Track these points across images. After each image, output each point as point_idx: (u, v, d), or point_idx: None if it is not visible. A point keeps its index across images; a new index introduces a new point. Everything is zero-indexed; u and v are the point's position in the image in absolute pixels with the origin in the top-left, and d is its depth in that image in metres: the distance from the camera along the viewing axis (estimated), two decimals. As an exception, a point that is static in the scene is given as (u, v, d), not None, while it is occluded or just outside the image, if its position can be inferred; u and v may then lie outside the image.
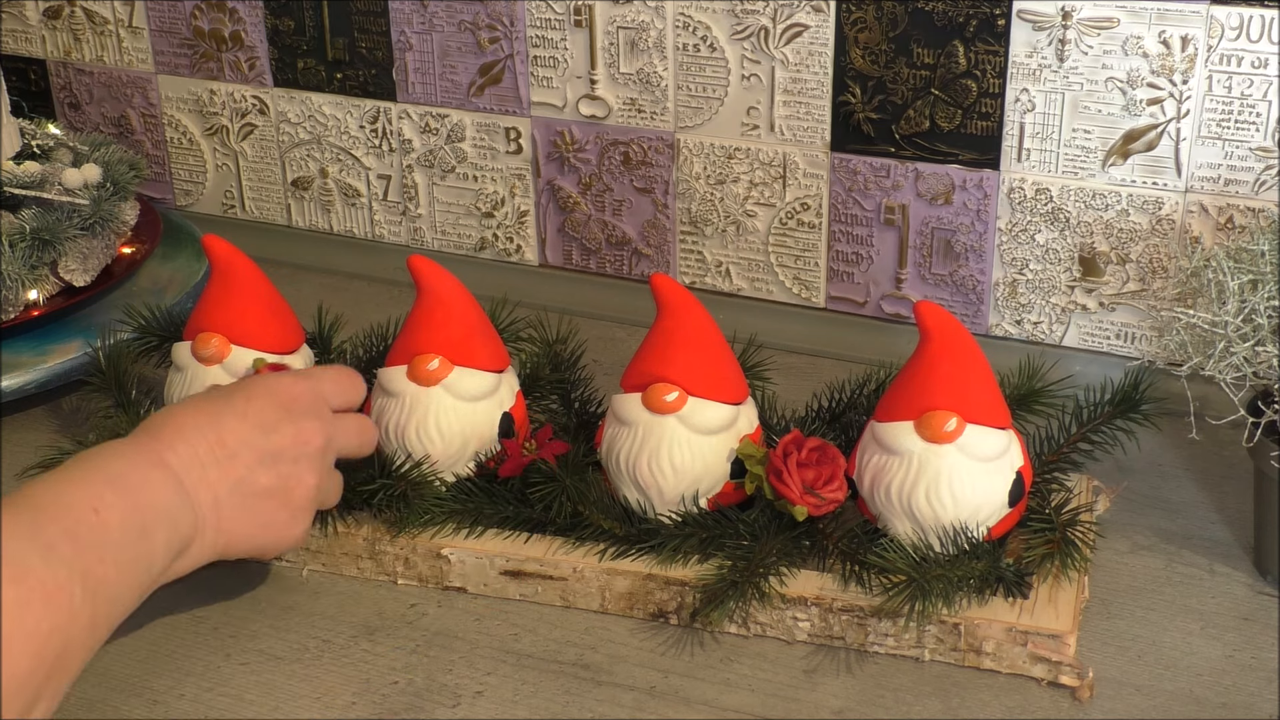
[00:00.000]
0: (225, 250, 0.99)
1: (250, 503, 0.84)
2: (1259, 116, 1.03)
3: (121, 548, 0.75)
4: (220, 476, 0.83)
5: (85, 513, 0.73)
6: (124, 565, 0.74)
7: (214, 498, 0.82)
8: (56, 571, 0.69)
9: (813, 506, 0.88)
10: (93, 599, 0.71)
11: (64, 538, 0.71)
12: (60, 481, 0.76)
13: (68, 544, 0.71)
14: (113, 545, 0.74)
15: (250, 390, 0.87)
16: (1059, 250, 1.12)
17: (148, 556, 0.77)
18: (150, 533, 0.77)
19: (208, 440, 0.83)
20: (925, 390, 0.87)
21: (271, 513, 0.86)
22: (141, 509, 0.77)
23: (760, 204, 1.20)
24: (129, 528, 0.75)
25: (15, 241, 1.13)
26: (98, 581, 0.72)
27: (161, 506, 0.79)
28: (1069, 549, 0.88)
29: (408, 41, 1.26)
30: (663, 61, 1.18)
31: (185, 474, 0.81)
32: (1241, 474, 1.00)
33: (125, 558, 0.75)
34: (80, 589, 0.70)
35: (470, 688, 0.86)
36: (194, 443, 0.83)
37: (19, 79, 1.44)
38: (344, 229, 1.36)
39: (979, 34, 1.08)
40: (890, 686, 0.85)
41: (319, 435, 0.87)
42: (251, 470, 0.84)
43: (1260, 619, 0.90)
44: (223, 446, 0.83)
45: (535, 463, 0.94)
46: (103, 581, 0.72)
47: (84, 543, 0.72)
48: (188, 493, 0.81)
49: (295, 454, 0.86)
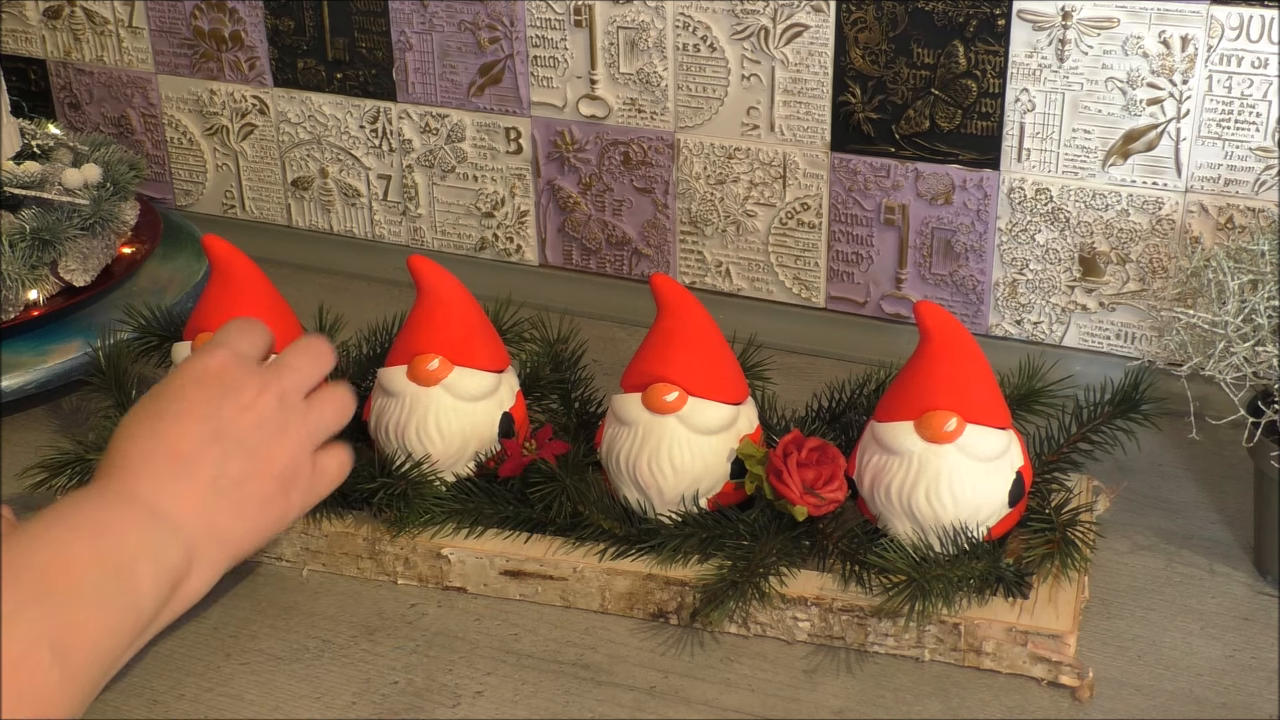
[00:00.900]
0: (225, 250, 0.99)
1: (235, 496, 0.80)
2: (1259, 116, 1.03)
3: (97, 598, 0.72)
4: (192, 487, 0.78)
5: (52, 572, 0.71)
6: (103, 615, 0.72)
7: (197, 511, 0.78)
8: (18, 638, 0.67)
9: (813, 506, 0.88)
10: (64, 659, 0.68)
11: (29, 602, 0.68)
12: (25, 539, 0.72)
13: (33, 608, 0.68)
14: (87, 598, 0.71)
15: (172, 385, 0.82)
16: (1059, 250, 1.12)
17: (131, 596, 0.73)
18: (130, 572, 0.74)
19: (163, 457, 0.79)
20: (925, 390, 0.87)
21: (261, 494, 0.81)
22: (114, 550, 0.74)
23: (760, 204, 1.20)
24: (104, 574, 0.72)
25: (15, 241, 1.13)
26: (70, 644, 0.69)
27: (137, 541, 0.75)
28: (1069, 549, 0.88)
29: (408, 41, 1.26)
30: (663, 61, 1.18)
31: (156, 499, 0.77)
32: (1241, 474, 1.00)
33: (104, 607, 0.72)
34: (49, 653, 0.68)
35: (470, 688, 0.86)
36: (150, 465, 0.78)
37: (19, 79, 1.44)
38: (344, 229, 1.36)
39: (979, 34, 1.08)
40: (890, 686, 0.85)
41: (264, 394, 0.82)
42: (220, 464, 0.79)
43: (1260, 619, 0.90)
44: (178, 456, 0.79)
45: (535, 463, 0.94)
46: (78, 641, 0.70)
47: (52, 603, 0.69)
48: (166, 516, 0.77)
49: (252, 424, 0.81)
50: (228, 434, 0.80)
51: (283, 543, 0.96)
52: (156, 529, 0.76)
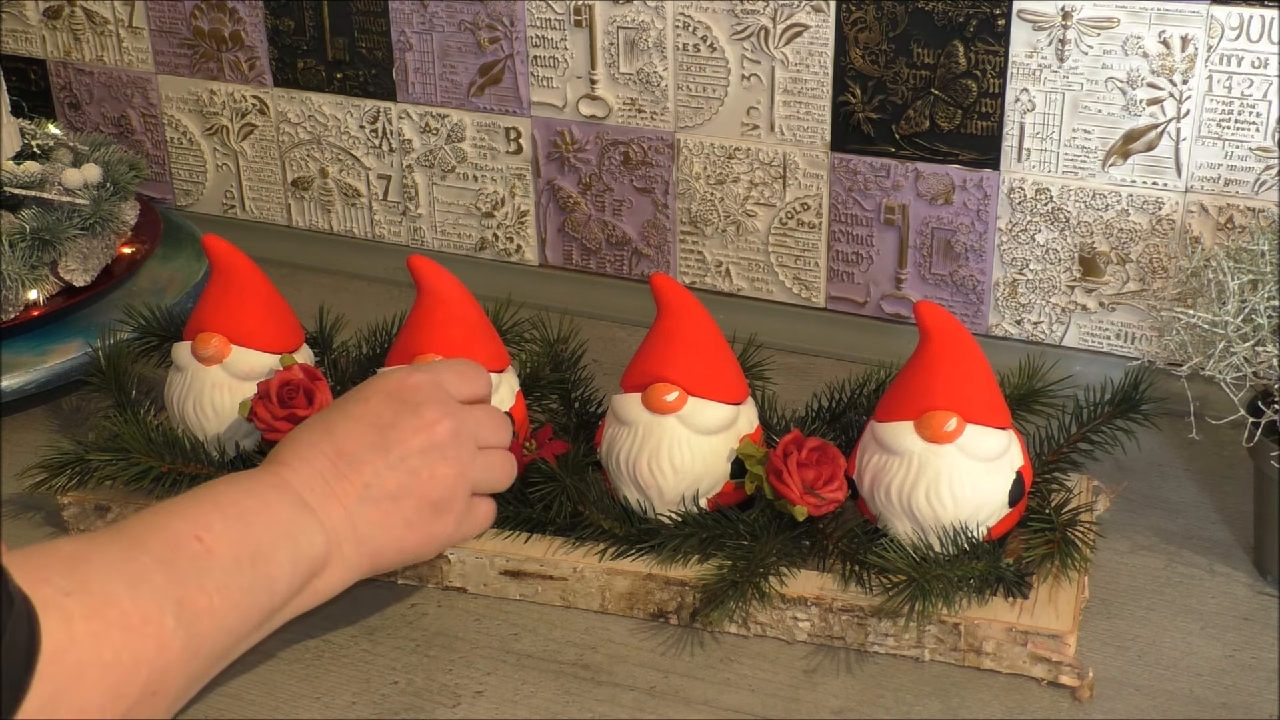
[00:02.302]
0: (225, 250, 0.99)
1: (385, 507, 0.81)
2: (1259, 116, 1.03)
3: (230, 574, 0.72)
4: (346, 488, 0.80)
5: (186, 540, 0.71)
6: (233, 592, 0.72)
7: (345, 511, 0.79)
8: (144, 602, 0.67)
9: (813, 506, 0.88)
10: (190, 628, 0.69)
11: (158, 566, 0.69)
12: (165, 511, 0.74)
13: (161, 572, 0.69)
14: (220, 571, 0.72)
15: (365, 391, 0.84)
16: (1059, 250, 1.12)
17: (265, 581, 0.74)
18: (267, 558, 0.74)
19: (326, 454, 0.80)
20: (925, 390, 0.87)
21: (410, 513, 0.82)
22: (255, 534, 0.75)
23: (760, 204, 1.20)
24: (240, 554, 0.73)
25: (15, 241, 1.13)
26: (197, 610, 0.70)
27: (281, 529, 0.76)
28: (1069, 549, 0.88)
29: (408, 41, 1.26)
30: (663, 61, 1.18)
31: (308, 492, 0.78)
32: (1241, 474, 1.00)
33: (235, 585, 0.72)
34: (173, 618, 0.68)
35: (470, 688, 0.86)
36: (312, 459, 0.80)
37: (19, 79, 1.44)
38: (344, 229, 1.36)
39: (979, 34, 1.08)
40: (890, 686, 0.85)
41: (443, 422, 0.83)
42: (378, 474, 0.81)
43: (1260, 619, 0.90)
44: (342, 456, 0.80)
45: (535, 462, 0.94)
46: (205, 610, 0.70)
47: (182, 571, 0.70)
48: (313, 510, 0.78)
49: (421, 445, 0.82)
50: (393, 448, 0.81)
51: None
52: (301, 518, 0.78)
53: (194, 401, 0.98)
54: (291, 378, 0.95)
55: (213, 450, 0.98)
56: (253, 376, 0.98)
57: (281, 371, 0.96)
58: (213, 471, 0.96)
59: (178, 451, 0.97)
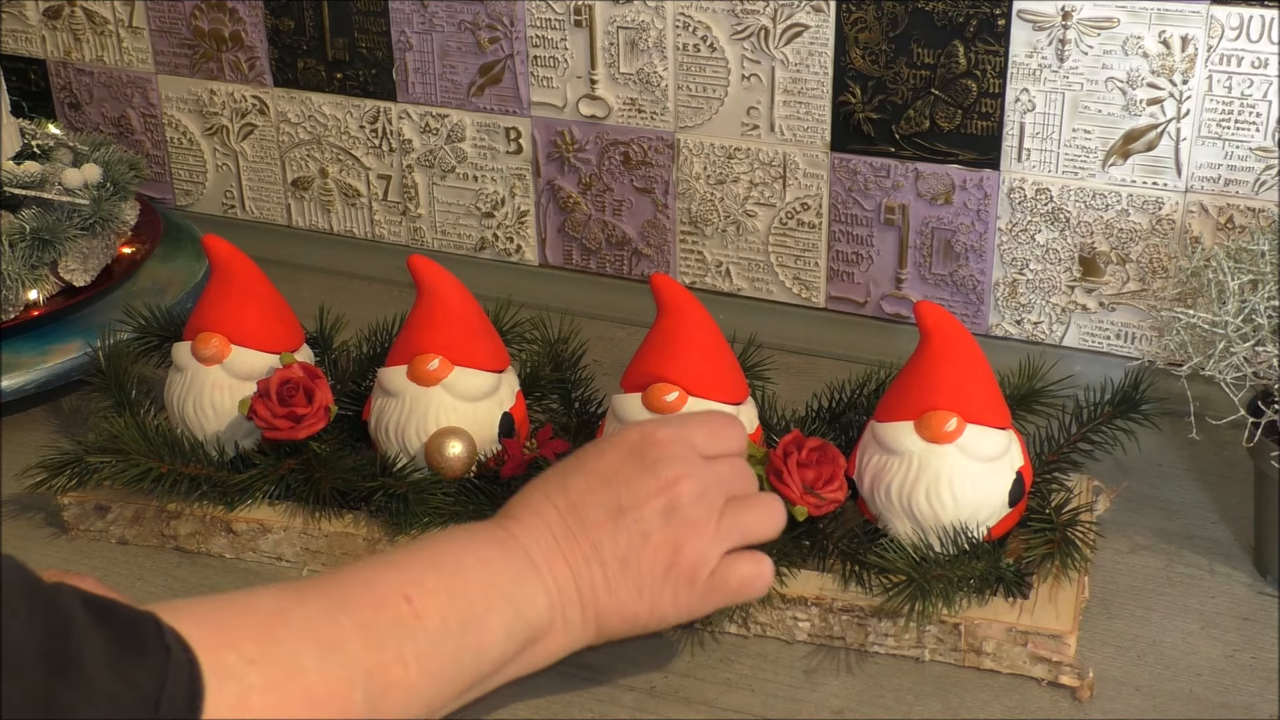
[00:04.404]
0: (225, 250, 0.99)
1: (612, 571, 0.75)
2: (1259, 116, 1.03)
3: (435, 641, 0.68)
4: (574, 547, 0.75)
5: (394, 600, 0.67)
6: (434, 661, 0.67)
7: (571, 572, 0.75)
8: (331, 673, 0.63)
9: (813, 506, 0.88)
10: (379, 701, 0.64)
11: (357, 631, 0.65)
12: (382, 563, 0.69)
13: (359, 638, 0.65)
14: (424, 638, 0.67)
15: (605, 443, 0.79)
16: (1059, 250, 1.12)
17: (475, 648, 0.70)
18: (479, 622, 0.70)
19: (558, 508, 0.76)
20: (925, 390, 0.87)
21: (640, 579, 0.76)
22: (469, 595, 0.70)
23: (760, 204, 1.20)
24: (449, 618, 0.68)
25: (15, 241, 1.13)
26: (389, 681, 0.65)
27: (500, 591, 0.71)
28: (1069, 549, 0.88)
29: (408, 41, 1.26)
30: (663, 61, 1.18)
31: (535, 549, 0.74)
32: (1241, 474, 1.00)
33: (437, 653, 0.68)
34: (362, 692, 0.64)
35: (470, 688, 0.86)
36: (544, 512, 0.75)
37: (19, 79, 1.44)
38: (344, 229, 1.36)
39: (979, 34, 1.08)
40: (890, 686, 0.85)
41: (683, 483, 0.76)
42: (610, 535, 0.75)
43: (1260, 619, 0.90)
44: (574, 512, 0.75)
45: (536, 460, 0.94)
46: (398, 681, 0.66)
47: (381, 636, 0.65)
48: (538, 570, 0.73)
49: (659, 507, 0.76)
50: (628, 509, 0.76)
51: (283, 543, 0.96)
52: (526, 579, 0.73)
53: (194, 401, 0.98)
54: (291, 376, 0.95)
55: (212, 450, 0.98)
56: (253, 376, 0.98)
57: (281, 370, 0.96)
58: (212, 472, 0.96)
59: (177, 452, 0.97)
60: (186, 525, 0.97)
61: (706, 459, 0.79)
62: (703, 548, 0.77)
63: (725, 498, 0.79)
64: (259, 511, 0.96)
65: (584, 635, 0.76)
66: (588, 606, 0.75)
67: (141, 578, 0.96)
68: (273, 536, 0.96)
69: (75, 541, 1.00)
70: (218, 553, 0.97)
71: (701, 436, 0.80)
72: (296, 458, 0.97)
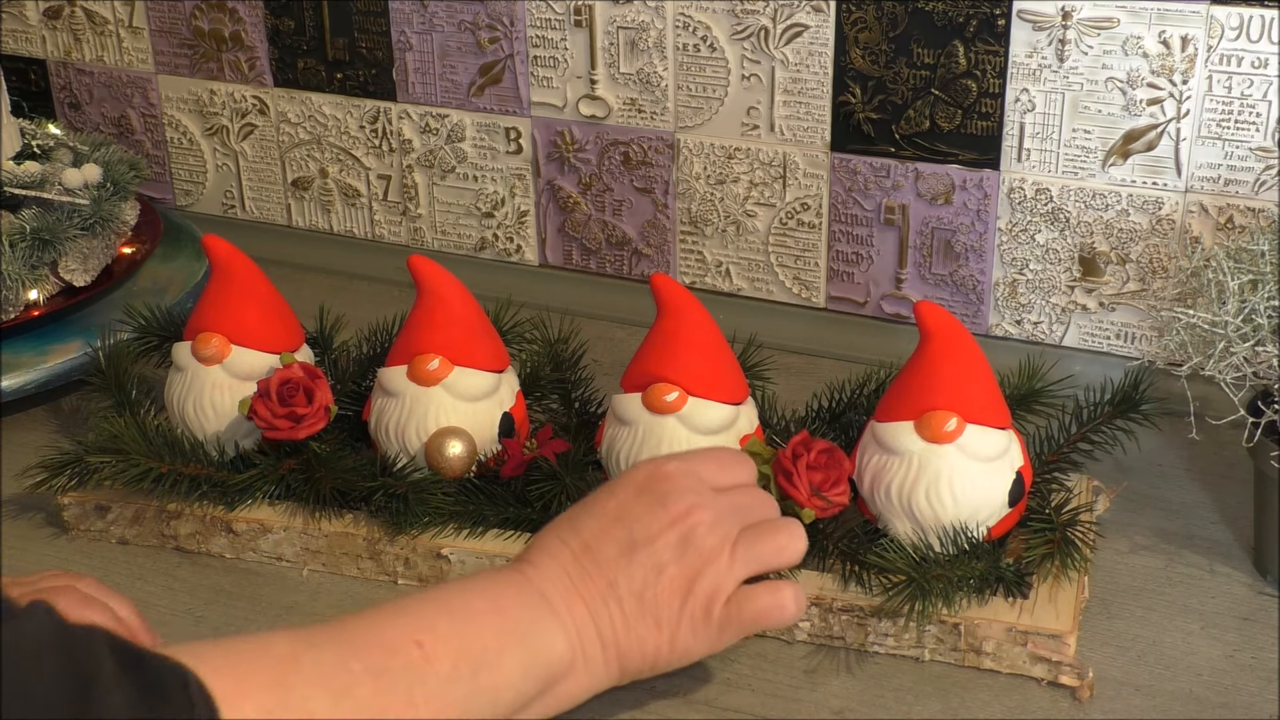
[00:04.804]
0: (225, 250, 0.99)
1: (630, 607, 0.75)
2: (1259, 116, 1.03)
3: (445, 684, 0.67)
4: (590, 586, 0.74)
5: (405, 645, 0.67)
6: (447, 703, 0.67)
7: (589, 611, 0.74)
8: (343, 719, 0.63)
9: (819, 509, 0.88)
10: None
11: (368, 677, 0.64)
12: (394, 610, 0.69)
13: (370, 684, 0.64)
14: (435, 681, 0.67)
15: (615, 484, 0.78)
16: (1059, 250, 1.12)
17: (489, 690, 0.69)
18: (495, 665, 0.69)
19: (572, 549, 0.75)
20: (925, 390, 0.87)
21: (658, 613, 0.75)
22: (482, 639, 0.69)
23: (760, 204, 1.20)
24: (461, 661, 0.68)
25: (15, 241, 1.13)
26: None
27: (516, 632, 0.71)
28: (1069, 549, 0.88)
29: (408, 41, 1.26)
30: (663, 61, 1.18)
31: (552, 590, 0.73)
32: (1241, 474, 1.00)
33: (447, 696, 0.67)
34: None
35: (470, 688, 0.86)
36: (558, 555, 0.75)
37: (19, 79, 1.44)
38: (344, 229, 1.36)
39: (979, 34, 1.08)
40: (890, 686, 0.85)
41: (694, 514, 0.76)
42: (625, 572, 0.75)
43: (1260, 619, 0.90)
44: (588, 552, 0.75)
45: (536, 460, 0.94)
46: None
47: (391, 681, 0.65)
48: (556, 611, 0.73)
49: (672, 540, 0.76)
50: (641, 544, 0.76)
51: (283, 543, 0.96)
52: (543, 620, 0.73)
53: (194, 401, 0.98)
54: (291, 375, 0.95)
55: (212, 450, 0.98)
56: (253, 377, 0.98)
57: (281, 369, 0.96)
58: (212, 472, 0.96)
59: (177, 452, 0.97)
60: (186, 525, 0.97)
61: (718, 490, 0.79)
62: (717, 576, 0.76)
63: (741, 526, 0.78)
64: (259, 511, 0.96)
65: (607, 675, 0.76)
66: (608, 646, 0.75)
67: (141, 578, 0.96)
68: (273, 536, 0.96)
69: (75, 541, 1.00)
70: (218, 553, 0.97)
71: (710, 469, 0.80)
72: (296, 458, 0.97)
